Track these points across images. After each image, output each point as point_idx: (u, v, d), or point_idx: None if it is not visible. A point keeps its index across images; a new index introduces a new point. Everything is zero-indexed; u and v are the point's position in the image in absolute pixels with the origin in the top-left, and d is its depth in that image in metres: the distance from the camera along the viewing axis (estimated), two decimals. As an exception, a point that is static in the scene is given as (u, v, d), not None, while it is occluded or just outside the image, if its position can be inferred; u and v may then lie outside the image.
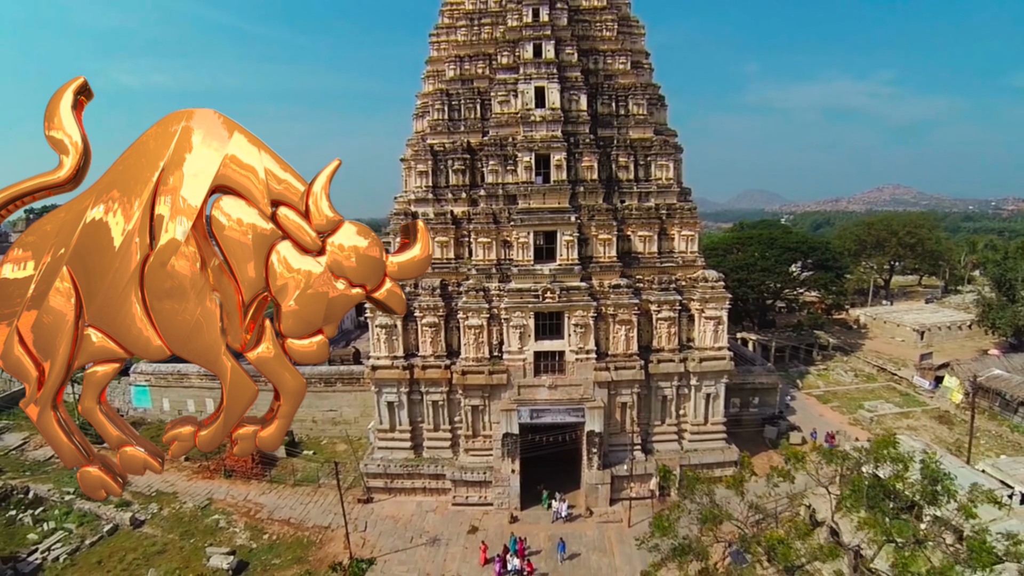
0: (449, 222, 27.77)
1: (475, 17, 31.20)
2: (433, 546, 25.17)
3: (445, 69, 31.12)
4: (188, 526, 28.74)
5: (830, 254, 56.79)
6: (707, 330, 27.20)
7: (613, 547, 24.63)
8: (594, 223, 27.21)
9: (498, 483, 26.64)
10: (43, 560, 27.32)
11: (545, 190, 27.09)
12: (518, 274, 26.74)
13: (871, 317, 63.20)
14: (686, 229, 28.05)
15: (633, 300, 26.38)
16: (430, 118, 30.22)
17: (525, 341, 26.19)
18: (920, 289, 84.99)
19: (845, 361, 52.66)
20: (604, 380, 26.21)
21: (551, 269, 26.78)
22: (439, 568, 23.83)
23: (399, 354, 27.35)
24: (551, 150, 26.76)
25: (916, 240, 75.60)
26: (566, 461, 27.93)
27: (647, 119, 29.37)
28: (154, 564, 26.38)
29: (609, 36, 30.43)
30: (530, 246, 26.80)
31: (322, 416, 36.76)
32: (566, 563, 23.67)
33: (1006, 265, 53.82)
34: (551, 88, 27.01)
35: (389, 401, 28.06)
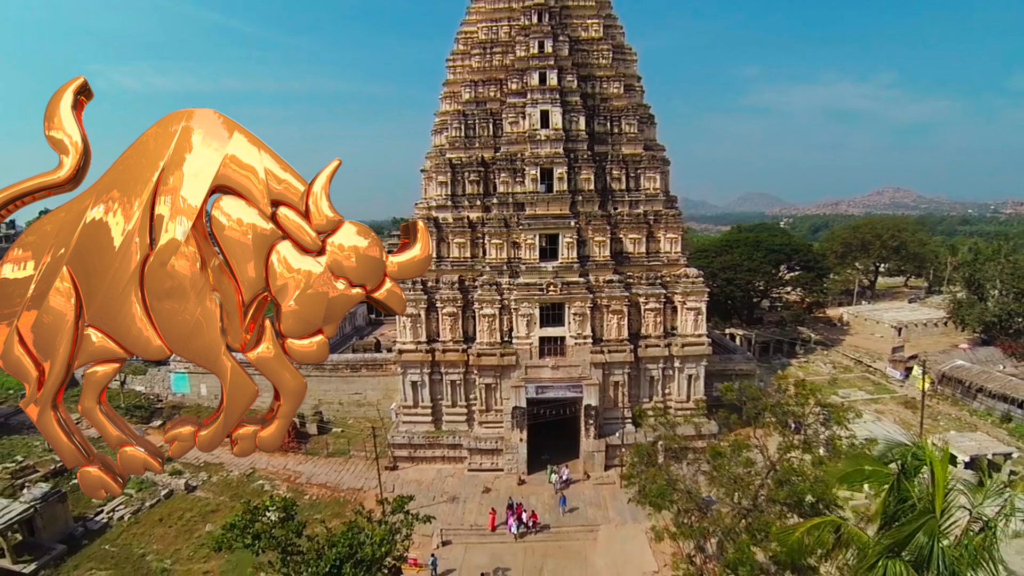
0: (466, 226, 32.12)
1: (487, 46, 35.56)
2: (453, 503, 29.40)
3: (461, 91, 35.49)
4: (236, 490, 32.95)
5: (812, 256, 60.97)
6: (688, 319, 31.52)
7: (607, 503, 28.87)
8: (591, 227, 31.53)
9: (508, 451, 30.92)
10: (109, 519, 31.35)
11: (549, 199, 31.43)
12: (525, 271, 31.06)
13: (853, 315, 67.34)
14: (671, 232, 32.38)
15: (624, 293, 30.70)
16: (448, 134, 34.59)
17: (531, 328, 30.51)
18: (906, 290, 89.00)
19: (825, 355, 56.81)
20: (599, 362, 30.51)
21: (554, 267, 31.09)
22: (459, 520, 28.07)
23: (422, 340, 31.69)
24: (554, 165, 31.15)
25: (899, 243, 79.76)
26: (566, 436, 32.17)
27: (638, 136, 33.70)
28: (210, 521, 30.54)
29: (605, 63, 34.78)
30: (536, 247, 31.14)
31: (348, 399, 41.02)
32: (567, 515, 27.93)
33: (975, 266, 58.03)
34: (554, 111, 31.40)
35: (413, 381, 32.38)
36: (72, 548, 28.33)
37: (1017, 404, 40.51)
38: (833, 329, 65.57)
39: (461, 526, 27.41)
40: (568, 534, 26.79)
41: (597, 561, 24.83)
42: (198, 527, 30.07)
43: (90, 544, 28.97)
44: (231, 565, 26.41)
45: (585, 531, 26.92)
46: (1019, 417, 40.08)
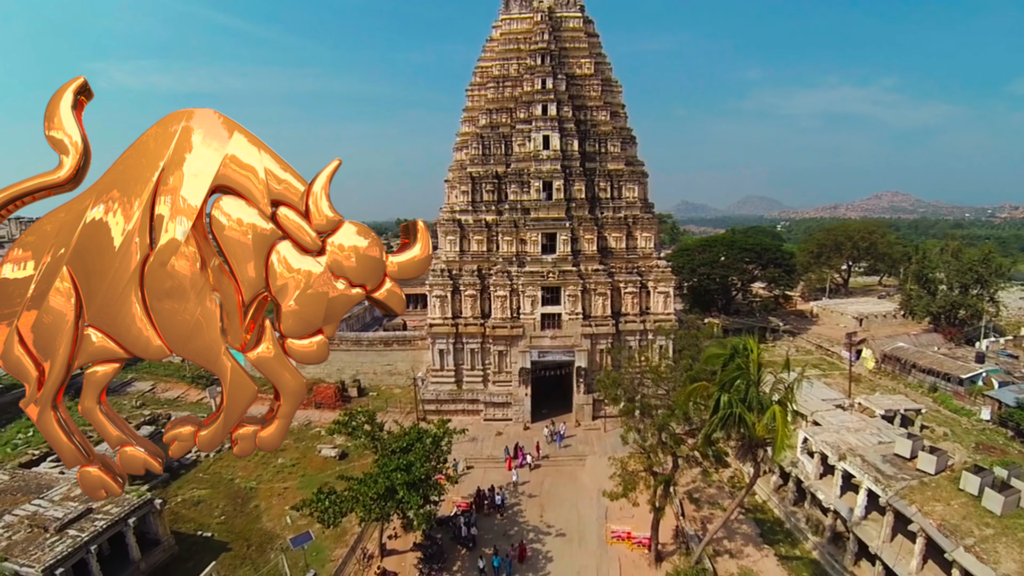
0: (483, 226, 40.41)
1: (500, 80, 43.88)
2: (473, 443, 37.61)
3: (478, 117, 43.81)
4: (298, 435, 41.22)
5: (781, 255, 69.14)
6: (659, 301, 39.75)
7: (593, 442, 37.09)
8: (582, 228, 39.75)
9: (516, 403, 39.15)
10: (197, 456, 39.44)
11: (549, 205, 39.69)
12: (530, 262, 39.30)
13: (822, 308, 75.45)
14: (646, 232, 40.63)
15: (608, 280, 38.92)
16: (468, 152, 42.88)
17: (535, 306, 38.75)
18: (879, 287, 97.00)
19: (792, 341, 64.90)
20: (588, 333, 38.74)
21: (552, 259, 39.31)
22: (479, 453, 36.32)
23: (448, 316, 39.97)
24: (553, 178, 39.45)
25: (869, 244, 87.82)
26: (562, 396, 40.35)
27: (621, 155, 41.96)
28: (280, 456, 38.81)
29: (595, 95, 43.06)
30: (538, 243, 39.37)
31: (381, 369, 49.32)
32: (562, 450, 36.14)
33: (924, 263, 66.07)
34: (553, 136, 39.71)
35: (440, 349, 40.64)
36: (172, 476, 36.40)
37: (942, 377, 48.57)
38: (804, 320, 73.69)
39: (480, 456, 35.68)
40: (563, 462, 35.05)
41: (584, 478, 33.08)
42: (271, 460, 38.31)
43: (187, 473, 37.14)
44: (304, 482, 34.75)
45: (576, 460, 35.18)
46: (943, 387, 48.12)
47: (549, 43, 41.39)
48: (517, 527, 28.66)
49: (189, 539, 29.54)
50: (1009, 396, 41.23)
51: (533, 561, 25.89)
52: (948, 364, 49.78)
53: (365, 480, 22.71)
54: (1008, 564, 18.51)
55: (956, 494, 22.07)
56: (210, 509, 32.56)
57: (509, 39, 44.46)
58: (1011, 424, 38.67)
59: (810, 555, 27.07)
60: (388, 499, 22.20)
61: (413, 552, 26.67)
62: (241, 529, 30.54)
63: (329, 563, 26.75)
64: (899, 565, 21.96)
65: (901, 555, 22.12)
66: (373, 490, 21.95)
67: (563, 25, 43.85)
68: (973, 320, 62.06)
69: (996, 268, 61.58)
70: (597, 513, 29.41)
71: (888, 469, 24.19)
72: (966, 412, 43.53)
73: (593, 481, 32.46)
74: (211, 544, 29.27)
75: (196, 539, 29.69)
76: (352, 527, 28.69)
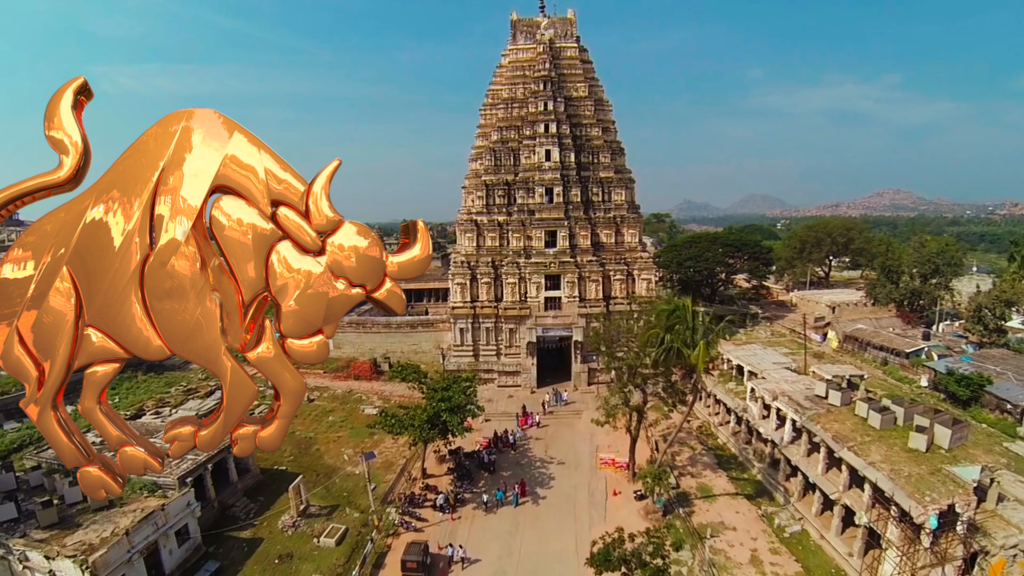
0: (496, 226, 48.48)
1: (509, 102, 51.97)
2: (489, 403, 45.63)
3: (490, 133, 51.89)
4: (342, 400, 49.35)
5: (759, 250, 76.96)
6: (642, 285, 47.72)
7: (588, 402, 45.10)
8: (578, 226, 47.74)
9: (524, 372, 47.18)
10: (258, 420, 47.78)
11: (550, 208, 47.70)
12: (535, 255, 47.31)
13: (800, 298, 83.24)
14: (632, 229, 48.62)
15: (599, 269, 46.91)
16: (482, 163, 50.97)
17: (539, 291, 46.77)
18: (861, 281, 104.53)
19: (769, 326, 72.67)
20: (583, 313, 46.73)
21: (553, 252, 47.30)
22: (494, 409, 44.39)
23: (467, 300, 48.06)
24: (554, 185, 47.50)
25: (847, 240, 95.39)
26: (562, 367, 48.33)
27: (611, 164, 49.96)
28: (330, 415, 46.90)
29: (589, 114, 51.08)
30: (542, 239, 47.39)
31: (407, 348, 57.41)
32: (562, 408, 44.16)
33: (889, 255, 73.74)
34: (554, 150, 47.75)
35: (460, 328, 48.72)
36: (240, 433, 44.61)
37: (892, 352, 56.25)
38: (783, 308, 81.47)
39: (496, 412, 43.75)
40: (563, 416, 43.08)
41: (579, 426, 41.10)
42: (324, 418, 46.39)
43: (255, 430, 45.37)
44: (353, 432, 42.86)
45: (574, 414, 43.20)
46: (893, 362, 55.79)
47: (550, 71, 49.46)
48: (527, 459, 36.73)
49: (269, 471, 37.70)
50: (942, 366, 49.06)
51: (540, 480, 33.89)
52: (897, 341, 57.47)
53: (416, 409, 30.84)
54: (875, 456, 26.36)
55: (851, 417, 29.94)
56: (280, 452, 40.69)
57: (516, 66, 52.57)
58: (942, 388, 46.49)
59: (755, 477, 35.05)
60: (434, 425, 30.25)
61: (447, 476, 34.73)
62: (308, 464, 38.68)
63: (382, 484, 34.83)
64: (810, 470, 29.83)
65: (811, 465, 29.99)
66: (422, 416, 30.04)
67: (562, 54, 51.93)
68: (932, 307, 69.70)
69: (951, 259, 69.18)
70: (589, 449, 37.48)
71: (807, 404, 32.09)
72: (908, 380, 51.30)
73: (587, 428, 40.46)
74: (286, 475, 37.39)
75: (274, 472, 37.84)
76: (398, 460, 36.86)
